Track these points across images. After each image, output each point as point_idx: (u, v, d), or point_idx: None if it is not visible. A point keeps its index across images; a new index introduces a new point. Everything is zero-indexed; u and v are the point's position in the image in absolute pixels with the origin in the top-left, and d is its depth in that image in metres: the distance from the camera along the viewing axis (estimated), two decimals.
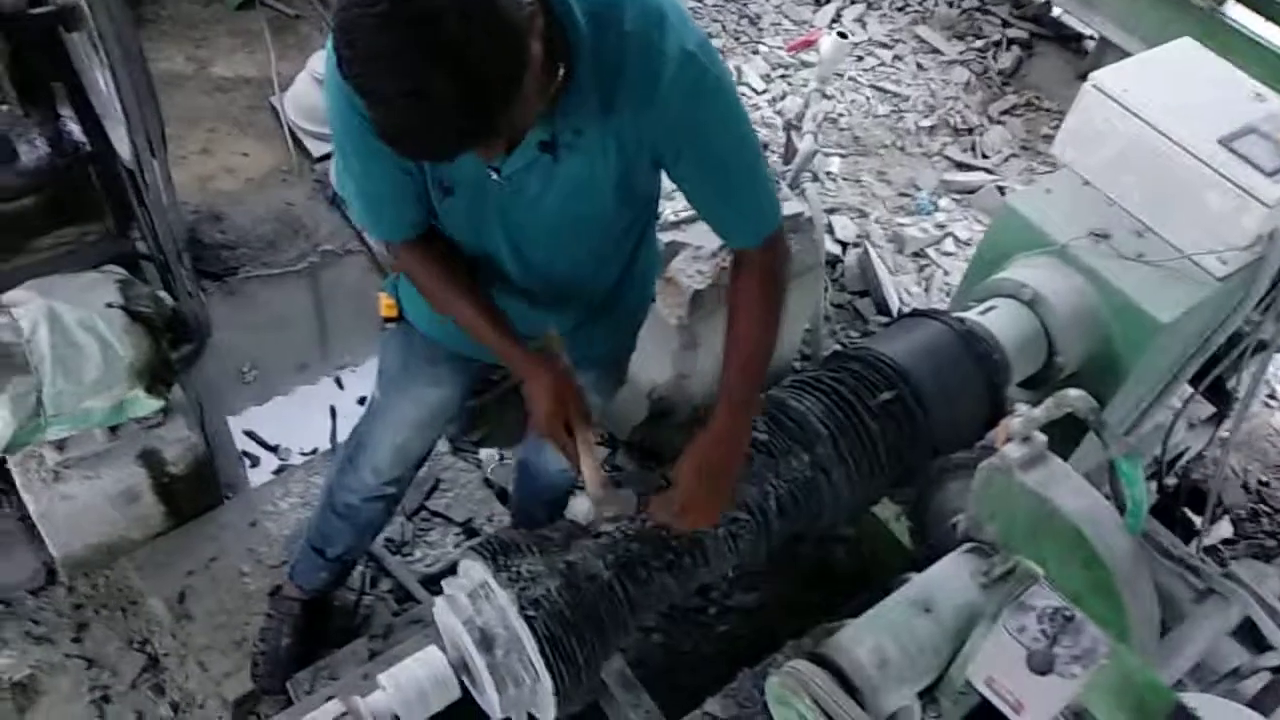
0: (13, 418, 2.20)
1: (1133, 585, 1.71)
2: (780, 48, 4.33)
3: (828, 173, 3.83)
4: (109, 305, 2.30)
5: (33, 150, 2.37)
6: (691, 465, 1.61)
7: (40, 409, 2.22)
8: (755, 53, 4.31)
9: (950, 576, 1.78)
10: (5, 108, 2.08)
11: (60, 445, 2.36)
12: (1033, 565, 1.53)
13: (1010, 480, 1.73)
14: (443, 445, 2.84)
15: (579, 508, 1.67)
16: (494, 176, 1.45)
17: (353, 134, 1.44)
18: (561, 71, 1.32)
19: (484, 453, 2.90)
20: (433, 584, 2.59)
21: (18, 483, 2.39)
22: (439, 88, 1.12)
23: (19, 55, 2.12)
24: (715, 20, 4.35)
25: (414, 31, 1.10)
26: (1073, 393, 1.69)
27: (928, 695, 1.73)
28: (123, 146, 2.21)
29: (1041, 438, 1.75)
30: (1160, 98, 2.25)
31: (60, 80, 2.31)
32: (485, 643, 1.59)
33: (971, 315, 2.20)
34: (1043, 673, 1.44)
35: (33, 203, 2.43)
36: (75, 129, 2.41)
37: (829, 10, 4.55)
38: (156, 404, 2.35)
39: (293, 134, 3.57)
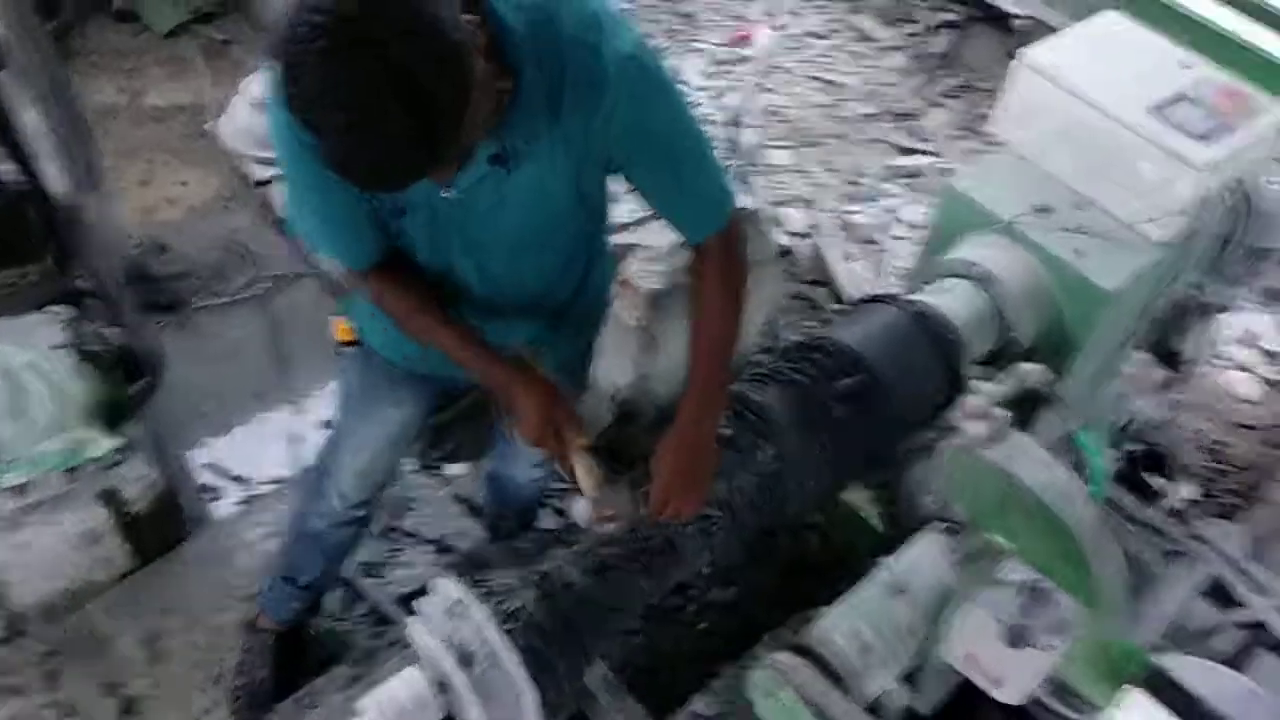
0: None
1: (1100, 552, 1.74)
2: (718, 44, 4.35)
3: (773, 164, 3.86)
4: (55, 346, 2.25)
5: None
6: (668, 456, 1.63)
7: None
8: (692, 50, 4.32)
9: (922, 557, 1.80)
10: None
11: (17, 491, 2.31)
12: (1002, 540, 1.55)
13: (974, 458, 1.75)
14: (410, 464, 2.81)
15: (579, 511, 1.67)
16: (445, 194, 1.44)
17: (303, 167, 1.43)
18: (507, 84, 1.32)
19: (451, 469, 2.89)
20: (409, 605, 2.56)
21: None
22: (388, 117, 1.11)
23: None
24: (650, 20, 4.36)
25: (359, 62, 1.09)
26: (1029, 366, 1.72)
27: (911, 677, 1.75)
28: (58, 183, 2.17)
29: (1002, 413, 1.77)
30: (1089, 70, 2.29)
31: None
32: (464, 659, 1.57)
33: (925, 297, 2.22)
34: (1018, 646, 1.46)
35: None
36: (8, 167, 2.35)
37: (760, 4, 4.58)
38: (113, 443, 2.30)
39: (232, 160, 3.52)
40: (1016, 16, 4.47)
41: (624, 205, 2.54)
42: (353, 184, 1.23)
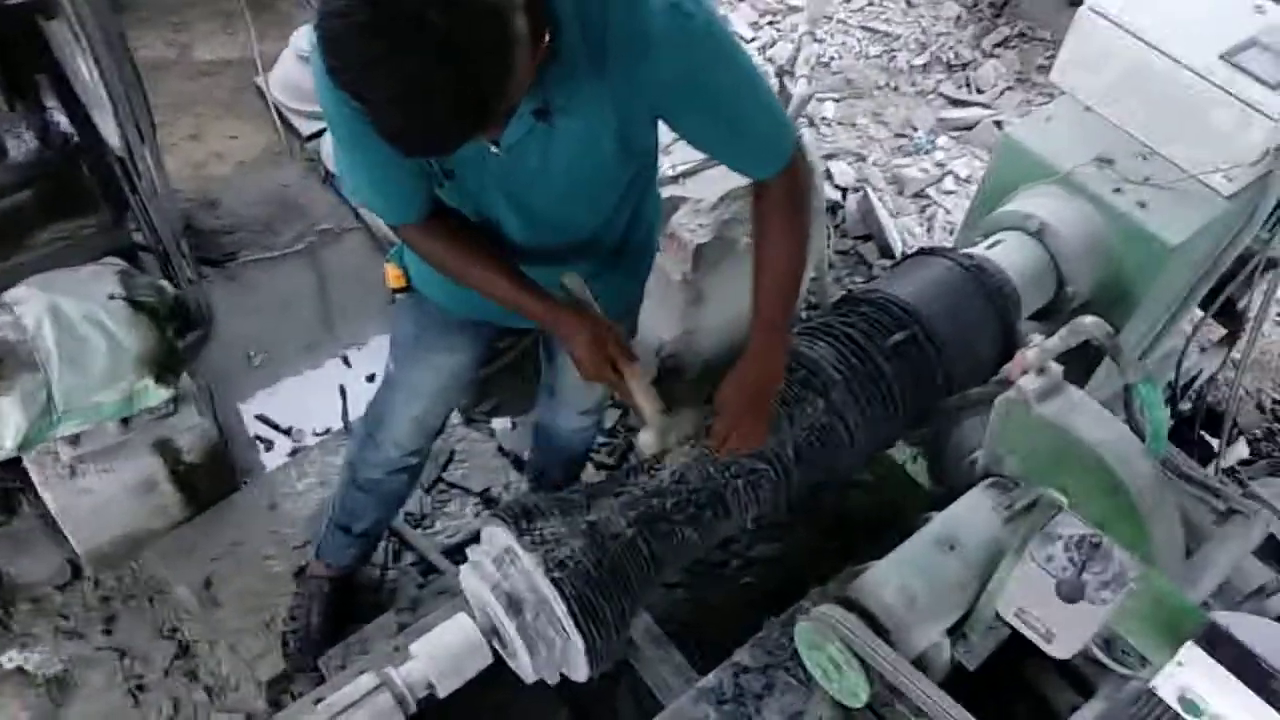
0: (24, 416, 2.20)
1: (1156, 510, 1.71)
2: None
3: (823, 118, 3.79)
4: (111, 297, 2.29)
5: (21, 145, 2.35)
6: (732, 389, 1.65)
7: (51, 405, 2.22)
8: (741, 0, 4.24)
9: (972, 512, 1.78)
10: None
11: (74, 440, 2.36)
12: (1056, 494, 1.52)
13: (1028, 413, 1.72)
14: (455, 417, 2.84)
15: (646, 440, 1.68)
16: (493, 150, 1.43)
17: (350, 127, 1.43)
18: (547, 38, 1.30)
19: (496, 422, 2.90)
20: (455, 555, 2.60)
21: (35, 480, 2.40)
22: (433, 83, 1.11)
23: (0, 49, 2.08)
24: None
25: (399, 31, 1.08)
26: (1088, 319, 1.68)
27: (956, 631, 1.74)
28: (111, 135, 2.19)
29: (1057, 368, 1.73)
30: (1158, 16, 2.21)
31: (43, 72, 2.28)
32: (514, 607, 1.59)
33: (979, 250, 2.17)
34: (1072, 600, 1.44)
35: (26, 198, 2.41)
36: (63, 120, 2.38)
37: None
38: (166, 393, 2.34)
39: (280, 114, 3.53)
40: None
41: (667, 159, 2.52)
42: (401, 151, 1.22)
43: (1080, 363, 1.92)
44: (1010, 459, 1.81)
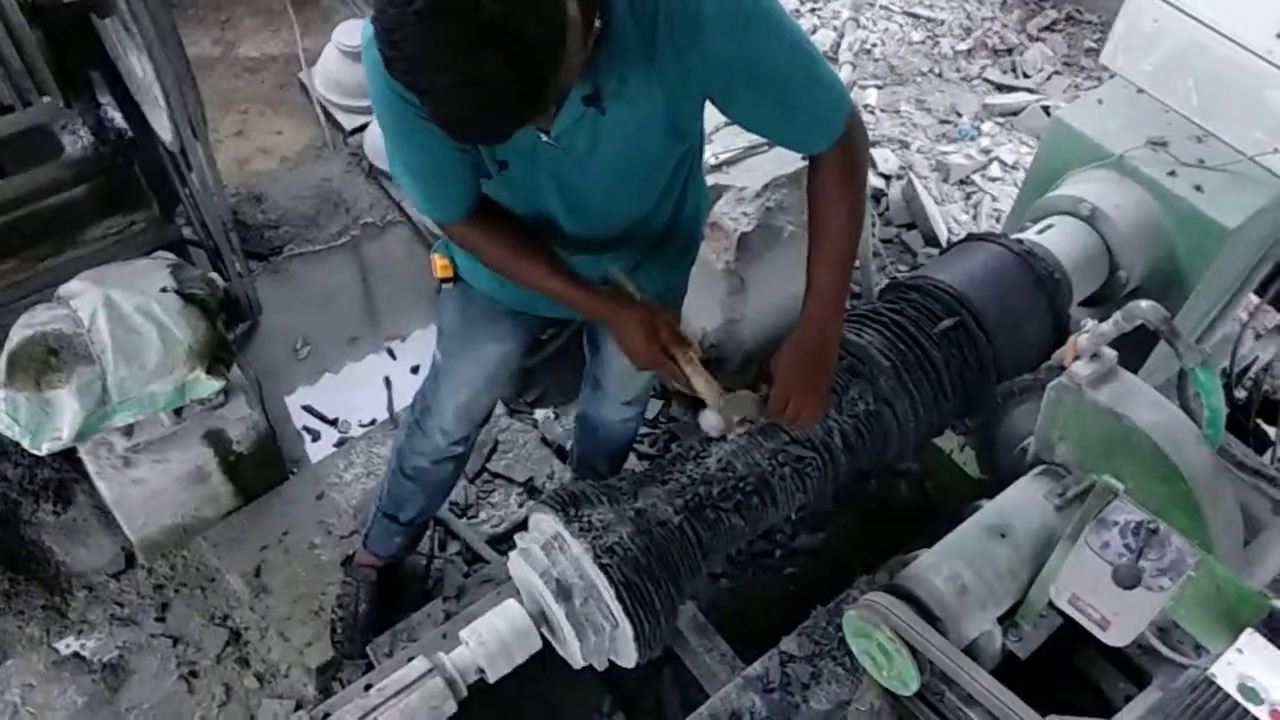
0: (80, 407, 2.24)
1: (1213, 497, 1.67)
2: None
3: (865, 105, 3.76)
4: (163, 290, 2.33)
5: (76, 141, 2.39)
6: (787, 360, 1.65)
7: (106, 396, 2.26)
8: None
9: (1024, 500, 1.76)
10: (47, 100, 2.09)
11: (128, 431, 2.40)
12: (1112, 481, 1.49)
13: (1081, 399, 1.69)
14: (499, 408, 2.85)
15: (709, 421, 1.69)
16: (544, 139, 1.43)
17: (401, 121, 1.44)
18: (598, 23, 1.30)
19: (539, 412, 2.92)
20: (500, 544, 2.61)
21: (90, 470, 2.44)
22: (491, 71, 1.11)
23: (56, 46, 2.12)
24: None
25: (456, 20, 1.09)
26: (1143, 304, 1.64)
27: (1008, 620, 1.72)
28: (164, 130, 2.22)
29: (1111, 353, 1.70)
30: None
31: (97, 68, 2.32)
32: (563, 592, 1.60)
33: (1028, 235, 2.14)
34: (1129, 587, 1.42)
35: (80, 193, 2.45)
36: (116, 116, 2.42)
37: None
38: (217, 384, 2.38)
39: (324, 109, 3.56)
40: None
41: (710, 146, 2.51)
42: (459, 139, 1.23)
43: (1134, 349, 1.88)
44: (1062, 446, 1.78)
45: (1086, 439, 1.73)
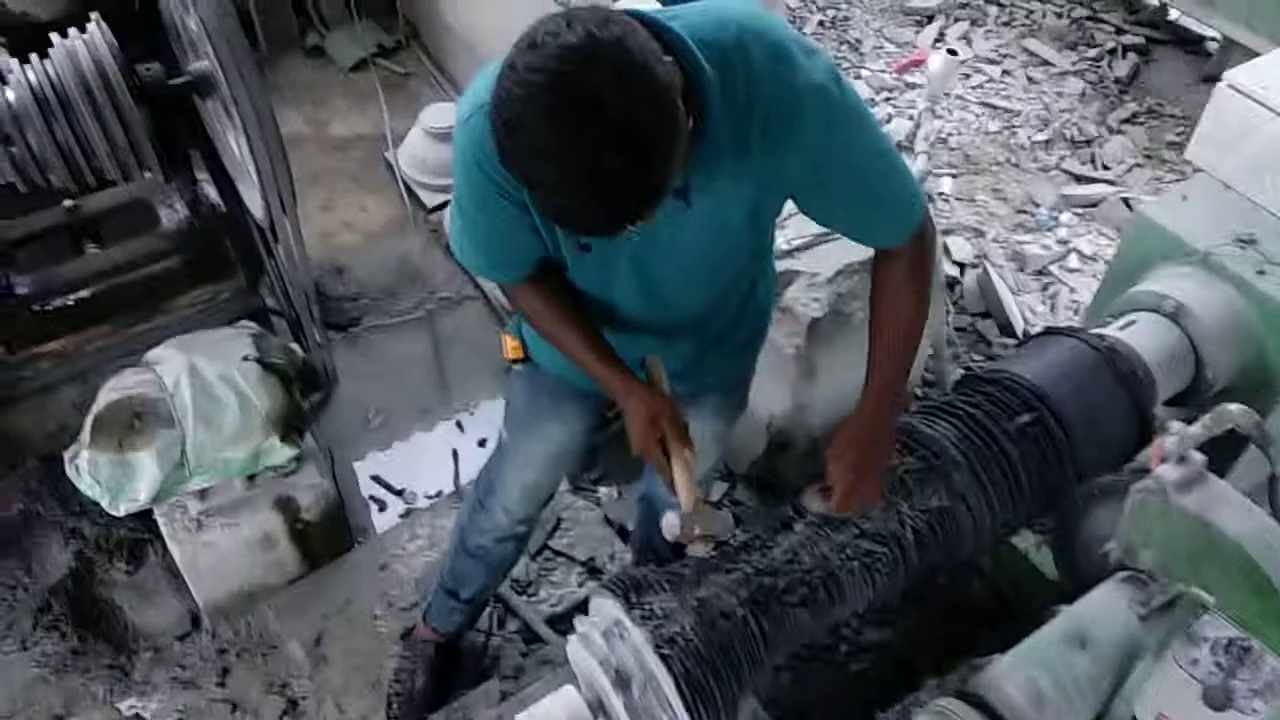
0: (159, 470, 2.30)
1: None
2: (883, 71, 4.27)
3: (940, 193, 3.74)
4: (245, 359, 2.39)
5: (173, 214, 2.50)
6: (842, 445, 1.63)
7: (184, 460, 2.32)
8: (858, 77, 4.25)
9: (1106, 607, 1.68)
10: (148, 175, 2.19)
11: (202, 494, 2.45)
12: (1202, 594, 1.42)
13: (1167, 504, 1.63)
14: (562, 484, 2.84)
15: (669, 523, 1.65)
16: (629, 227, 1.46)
17: (483, 198, 1.46)
18: (692, 121, 1.32)
19: (603, 490, 2.90)
20: (559, 624, 2.58)
21: (164, 532, 2.50)
22: (610, 168, 1.13)
23: (159, 124, 2.24)
24: None
25: (580, 118, 1.11)
26: (1234, 407, 1.59)
27: None
28: (255, 206, 2.31)
29: (1200, 457, 1.64)
30: None
31: (195, 146, 2.43)
32: (621, 682, 1.56)
33: (1110, 331, 2.09)
34: (1220, 709, 1.34)
35: (173, 264, 2.56)
36: (211, 191, 2.52)
37: (932, 30, 4.47)
38: (291, 452, 2.42)
39: (407, 186, 3.68)
40: (1210, 39, 4.22)
41: (782, 233, 2.52)
42: (567, 231, 1.24)
43: (1222, 450, 1.81)
44: (1146, 552, 1.70)
45: (1173, 546, 1.66)
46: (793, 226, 2.57)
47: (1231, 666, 1.37)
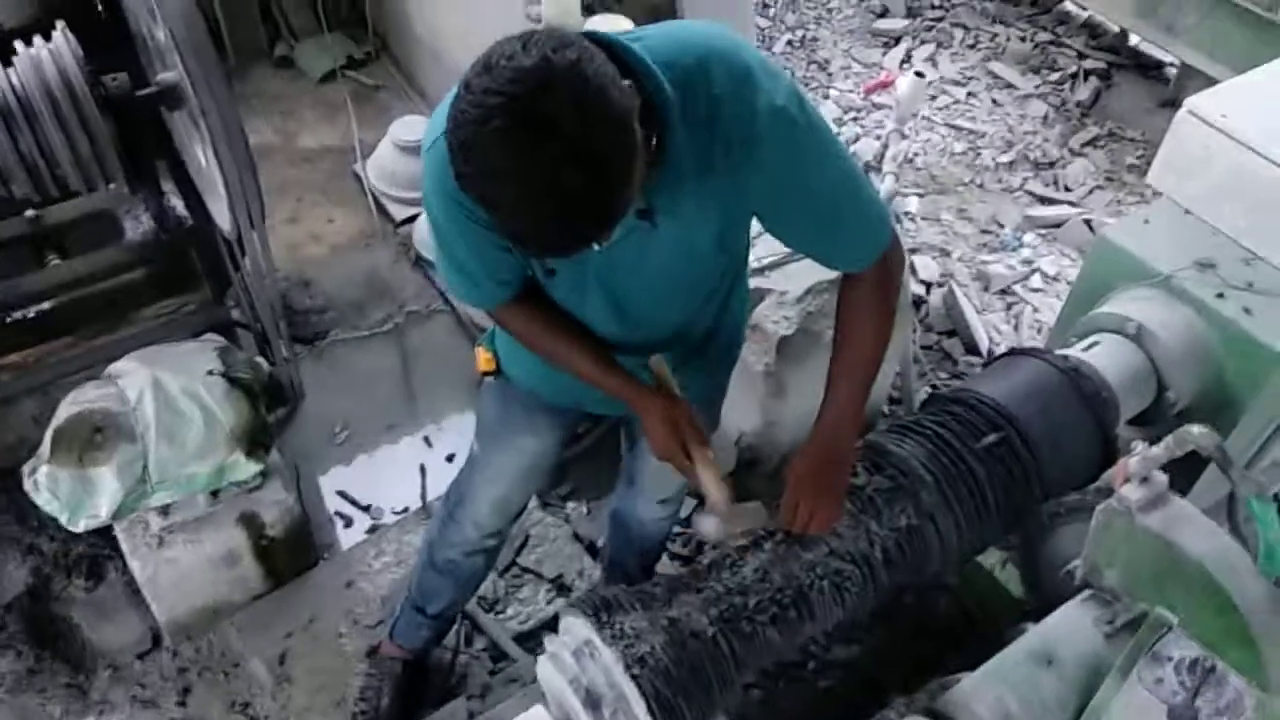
0: (120, 485, 2.26)
1: (1271, 632, 1.61)
2: (851, 91, 4.32)
3: (906, 213, 3.79)
4: (210, 373, 2.36)
5: (138, 226, 2.46)
6: (802, 468, 1.63)
7: (145, 476, 2.28)
8: (826, 97, 4.30)
9: (1071, 626, 1.70)
10: (113, 186, 2.16)
11: (164, 510, 2.41)
12: (1166, 613, 1.44)
13: (1131, 524, 1.65)
14: (531, 501, 2.83)
15: (707, 526, 1.66)
16: (595, 248, 1.46)
17: (454, 223, 1.46)
18: (655, 142, 1.32)
19: (571, 507, 2.89)
20: (527, 641, 2.57)
21: (124, 548, 2.45)
22: (565, 188, 1.13)
23: (125, 135, 2.21)
24: (785, 67, 4.36)
25: (534, 140, 1.11)
26: (1195, 428, 1.61)
27: None
28: (222, 219, 2.28)
29: (1162, 478, 1.67)
30: (1260, 120, 2.17)
31: (162, 158, 2.40)
32: (591, 702, 1.56)
33: (1074, 352, 2.13)
34: None
35: (138, 276, 2.52)
36: (177, 204, 2.49)
37: (898, 52, 4.54)
38: (256, 467, 2.39)
39: (375, 199, 3.65)
40: (1169, 65, 4.31)
41: (753, 251, 2.53)
42: (523, 251, 1.24)
43: (1183, 471, 1.85)
44: (1111, 572, 1.73)
45: (1137, 566, 1.68)
46: (762, 245, 2.56)
47: (1195, 686, 1.39)
